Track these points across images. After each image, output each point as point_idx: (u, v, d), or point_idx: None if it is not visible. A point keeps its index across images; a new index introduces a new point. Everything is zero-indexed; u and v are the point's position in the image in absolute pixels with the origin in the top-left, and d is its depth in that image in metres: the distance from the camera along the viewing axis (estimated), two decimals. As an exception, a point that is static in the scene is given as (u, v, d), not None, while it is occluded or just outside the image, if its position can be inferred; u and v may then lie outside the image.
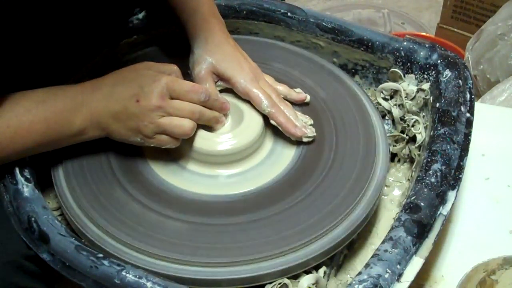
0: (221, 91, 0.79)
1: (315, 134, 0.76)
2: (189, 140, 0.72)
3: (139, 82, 0.67)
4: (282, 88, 0.81)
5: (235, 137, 0.73)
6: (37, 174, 0.72)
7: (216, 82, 0.78)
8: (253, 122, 0.75)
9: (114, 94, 0.68)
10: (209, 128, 0.75)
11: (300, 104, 0.81)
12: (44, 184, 0.77)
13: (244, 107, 0.77)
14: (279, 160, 0.75)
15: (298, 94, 0.81)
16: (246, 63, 0.78)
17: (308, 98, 0.81)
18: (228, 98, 0.78)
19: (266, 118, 0.77)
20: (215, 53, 0.78)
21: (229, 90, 0.79)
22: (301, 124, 0.76)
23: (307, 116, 0.78)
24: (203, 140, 0.73)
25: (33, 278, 0.67)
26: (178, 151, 0.73)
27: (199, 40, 0.79)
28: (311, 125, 0.77)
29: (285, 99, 0.80)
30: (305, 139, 0.75)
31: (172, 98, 0.68)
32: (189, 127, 0.68)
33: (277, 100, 0.77)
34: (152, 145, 0.69)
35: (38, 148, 0.68)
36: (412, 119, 0.82)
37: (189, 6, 0.81)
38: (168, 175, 0.72)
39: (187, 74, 0.78)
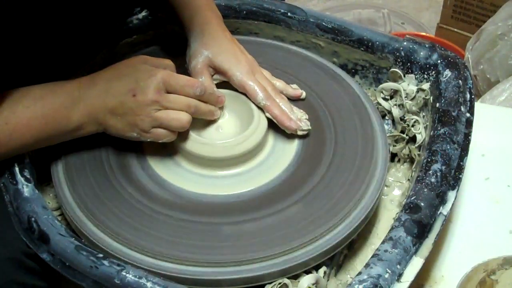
0: (226, 87, 0.79)
1: (310, 127, 0.76)
2: (190, 142, 0.72)
3: (135, 77, 0.68)
4: (278, 83, 0.81)
5: (240, 141, 0.73)
6: (37, 173, 0.72)
7: (212, 76, 0.78)
8: (260, 125, 0.75)
9: (111, 89, 0.68)
10: (208, 125, 0.75)
11: (296, 101, 0.80)
12: (44, 184, 0.77)
13: (254, 108, 0.76)
14: (279, 160, 0.74)
15: (294, 90, 0.81)
16: (242, 56, 0.78)
17: (304, 94, 0.81)
18: (237, 96, 0.77)
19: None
20: (211, 46, 0.78)
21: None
22: (296, 117, 0.76)
23: (302, 111, 0.78)
24: (205, 145, 0.72)
25: (34, 276, 0.67)
26: (179, 151, 0.73)
27: (196, 34, 0.79)
28: (306, 119, 0.77)
29: (281, 93, 0.80)
30: (300, 132, 0.76)
31: (168, 92, 0.68)
32: (186, 120, 0.68)
33: (272, 93, 0.77)
34: (148, 140, 0.69)
35: (36, 144, 0.68)
36: (412, 119, 0.82)
37: (187, 1, 0.81)
38: (169, 175, 0.72)
39: (185, 73, 0.78)
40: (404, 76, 0.85)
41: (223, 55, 0.77)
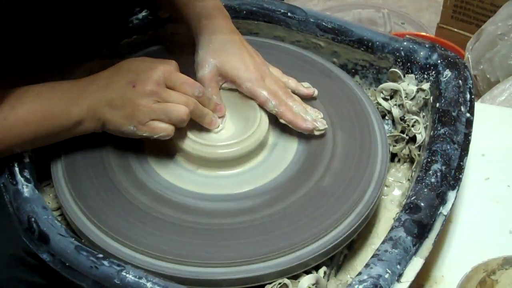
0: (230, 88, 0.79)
1: (326, 126, 0.76)
2: (190, 142, 0.72)
3: (135, 70, 0.68)
4: (290, 81, 0.80)
5: (240, 142, 0.72)
6: (37, 173, 0.72)
7: (221, 85, 0.78)
8: (261, 126, 0.74)
9: (111, 84, 0.68)
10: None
11: (305, 100, 0.80)
12: (44, 184, 0.77)
13: (255, 107, 0.76)
14: (279, 160, 0.75)
15: (307, 88, 0.81)
16: (251, 61, 0.77)
17: (316, 92, 0.81)
18: (238, 96, 0.77)
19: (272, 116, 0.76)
20: (219, 54, 0.77)
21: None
22: (311, 118, 0.76)
23: (317, 110, 0.78)
24: (205, 146, 0.72)
25: (34, 273, 0.67)
26: (179, 152, 0.73)
27: (203, 39, 0.78)
28: (322, 118, 0.77)
29: (293, 93, 0.79)
30: (317, 133, 0.75)
31: (167, 87, 0.68)
32: (184, 112, 0.68)
33: (284, 97, 0.76)
34: (144, 135, 0.68)
35: (36, 140, 0.68)
36: (412, 119, 0.82)
37: (193, 1, 0.80)
38: (169, 175, 0.72)
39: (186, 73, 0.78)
40: (404, 76, 0.85)
41: (231, 63, 0.76)
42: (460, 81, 0.78)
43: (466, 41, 1.45)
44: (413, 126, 0.81)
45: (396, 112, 0.84)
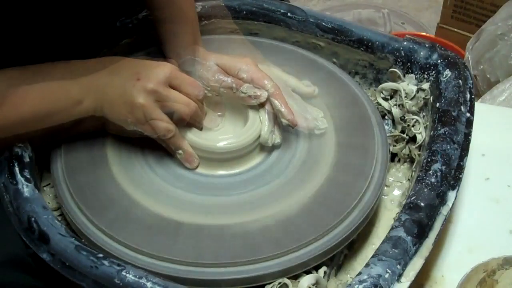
0: None
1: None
2: (189, 141, 0.72)
3: (138, 68, 0.68)
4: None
5: (240, 141, 0.73)
6: (37, 174, 0.72)
7: (221, 84, 0.78)
8: (262, 124, 0.74)
9: (112, 82, 0.68)
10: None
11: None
12: (44, 184, 0.77)
13: (256, 106, 0.76)
14: (279, 160, 0.75)
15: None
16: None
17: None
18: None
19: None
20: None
21: None
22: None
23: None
24: (204, 145, 0.72)
25: (34, 274, 0.67)
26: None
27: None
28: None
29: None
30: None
31: (170, 87, 0.68)
32: (184, 111, 0.68)
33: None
34: (145, 134, 0.69)
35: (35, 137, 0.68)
36: (412, 119, 0.82)
37: (193, 1, 0.80)
38: (169, 175, 0.72)
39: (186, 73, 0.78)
40: (404, 76, 0.85)
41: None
42: (460, 81, 0.78)
43: (466, 41, 1.45)
44: (413, 126, 0.81)
45: (396, 112, 0.84)
